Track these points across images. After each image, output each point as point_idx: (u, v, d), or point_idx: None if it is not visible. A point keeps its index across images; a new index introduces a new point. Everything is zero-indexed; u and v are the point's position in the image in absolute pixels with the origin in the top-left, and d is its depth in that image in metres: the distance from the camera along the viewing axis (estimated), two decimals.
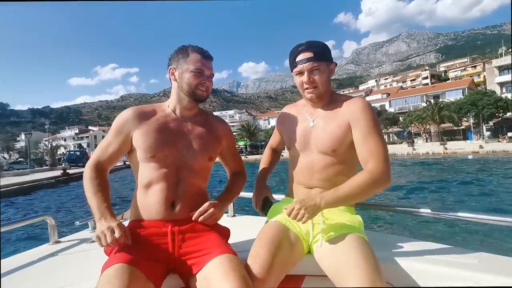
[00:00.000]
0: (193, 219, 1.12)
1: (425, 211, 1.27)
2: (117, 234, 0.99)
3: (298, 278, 1.19)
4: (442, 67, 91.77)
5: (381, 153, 1.11)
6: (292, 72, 1.27)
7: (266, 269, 1.01)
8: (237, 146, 1.55)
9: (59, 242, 1.60)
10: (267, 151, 1.56)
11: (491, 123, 35.60)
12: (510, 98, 33.51)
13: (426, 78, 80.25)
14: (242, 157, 1.50)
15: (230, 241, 1.22)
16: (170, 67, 1.24)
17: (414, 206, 1.37)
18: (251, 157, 43.45)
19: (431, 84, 67.06)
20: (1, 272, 1.21)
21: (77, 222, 1.72)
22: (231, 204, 1.90)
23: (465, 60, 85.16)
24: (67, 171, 21.29)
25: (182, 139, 1.21)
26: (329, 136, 1.20)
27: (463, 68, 72.91)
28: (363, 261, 0.96)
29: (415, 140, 38.62)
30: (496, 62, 42.61)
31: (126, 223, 1.13)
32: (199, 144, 1.22)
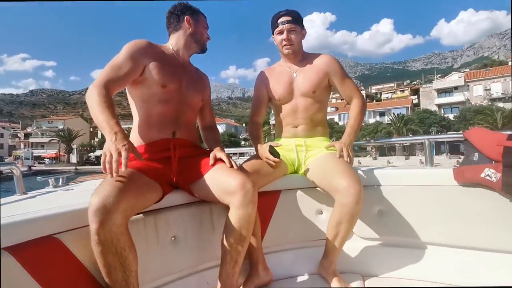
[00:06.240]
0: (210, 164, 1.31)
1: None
2: (123, 162, 1.00)
3: (276, 193, 1.53)
4: (373, 90, 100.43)
5: (356, 89, 1.64)
6: (273, 33, 1.65)
7: (256, 174, 1.38)
8: None
9: (26, 193, 1.49)
10: (254, 125, 1.74)
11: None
12: (452, 119, 35.84)
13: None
14: None
15: None
16: (187, 16, 1.42)
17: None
18: None
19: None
20: None
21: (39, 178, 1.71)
22: None
23: (392, 84, 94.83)
24: None
25: (186, 77, 1.41)
26: (310, 81, 1.60)
27: (393, 91, 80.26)
28: (348, 168, 1.36)
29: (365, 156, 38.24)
30: (436, 85, 46.20)
31: None
32: (195, 85, 1.45)
